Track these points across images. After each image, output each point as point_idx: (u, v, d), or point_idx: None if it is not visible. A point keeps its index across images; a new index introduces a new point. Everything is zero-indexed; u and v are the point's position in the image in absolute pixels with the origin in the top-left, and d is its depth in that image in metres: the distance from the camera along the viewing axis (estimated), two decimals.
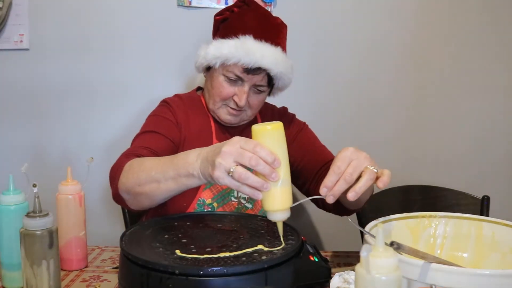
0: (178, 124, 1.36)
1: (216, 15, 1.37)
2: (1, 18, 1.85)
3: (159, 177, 1.04)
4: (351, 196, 0.95)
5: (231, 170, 0.91)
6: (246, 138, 0.94)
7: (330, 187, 0.97)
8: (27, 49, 1.92)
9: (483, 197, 1.70)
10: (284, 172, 0.94)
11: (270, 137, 0.94)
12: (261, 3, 1.87)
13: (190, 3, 1.89)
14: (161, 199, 1.10)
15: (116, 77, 1.93)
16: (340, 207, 1.26)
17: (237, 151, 0.92)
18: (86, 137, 1.96)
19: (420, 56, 1.96)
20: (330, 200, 0.97)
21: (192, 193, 1.30)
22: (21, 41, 1.91)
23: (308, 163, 1.38)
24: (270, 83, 1.34)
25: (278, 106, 1.55)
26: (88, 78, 1.93)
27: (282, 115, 1.50)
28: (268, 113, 1.49)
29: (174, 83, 1.94)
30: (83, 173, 1.21)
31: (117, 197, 1.18)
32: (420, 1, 1.93)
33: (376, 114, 1.98)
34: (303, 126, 1.49)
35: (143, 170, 1.08)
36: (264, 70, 1.29)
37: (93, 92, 1.94)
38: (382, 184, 0.98)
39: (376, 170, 0.98)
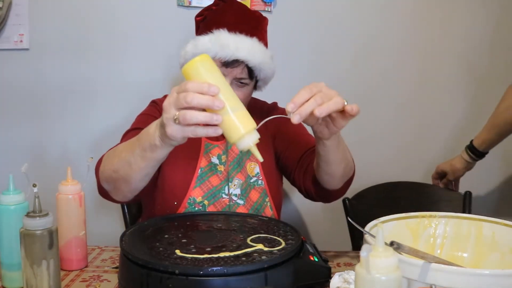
0: None
1: (197, 16, 1.38)
2: (1, 18, 1.85)
3: (129, 158, 1.06)
4: (318, 112, 0.92)
5: (175, 117, 0.90)
6: (181, 83, 0.93)
7: (299, 104, 0.93)
8: (27, 49, 1.91)
9: (465, 192, 1.77)
10: (228, 98, 0.91)
11: (200, 68, 0.92)
12: (261, 3, 1.87)
13: (190, 3, 1.89)
14: (138, 181, 1.10)
15: (116, 77, 1.93)
16: (320, 190, 1.26)
17: (174, 98, 0.91)
18: (86, 137, 1.96)
19: (418, 55, 1.96)
20: (295, 119, 0.93)
21: (182, 191, 1.30)
22: (21, 41, 1.91)
23: (292, 152, 1.38)
24: (252, 75, 1.33)
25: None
26: (88, 78, 1.93)
27: (271, 109, 1.49)
28: (258, 110, 1.48)
29: (174, 82, 1.94)
30: (83, 173, 1.21)
31: (101, 190, 1.21)
32: (419, 1, 1.93)
33: (368, 113, 1.99)
34: (288, 120, 1.48)
35: (116, 155, 1.11)
36: (242, 62, 1.28)
37: (93, 92, 1.94)
38: (350, 108, 0.95)
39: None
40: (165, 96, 1.46)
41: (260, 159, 0.95)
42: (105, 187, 1.18)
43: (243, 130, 0.91)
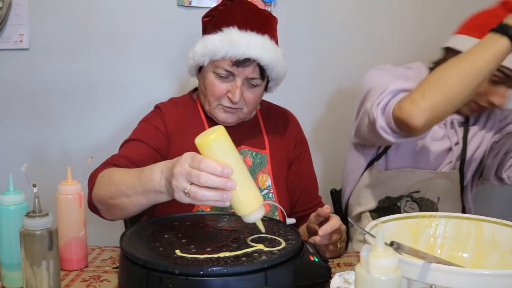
0: (168, 133, 1.34)
1: (204, 16, 1.36)
2: (1, 18, 1.85)
3: (129, 192, 1.06)
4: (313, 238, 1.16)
5: (186, 191, 0.92)
6: (194, 154, 0.93)
7: (317, 242, 1.14)
8: (27, 49, 1.92)
9: None
10: (239, 176, 0.92)
11: (215, 146, 0.91)
12: (261, 3, 1.87)
13: (190, 3, 1.89)
14: (134, 211, 1.11)
15: (116, 77, 1.93)
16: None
17: (186, 171, 0.92)
18: (86, 137, 1.96)
19: (419, 55, 1.96)
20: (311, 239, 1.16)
21: (189, 204, 1.29)
22: (21, 41, 1.91)
23: (300, 197, 1.45)
24: (263, 75, 1.30)
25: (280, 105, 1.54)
26: (88, 78, 1.93)
27: (286, 116, 1.48)
28: (272, 115, 1.46)
29: (175, 83, 1.94)
30: (83, 173, 1.21)
31: (91, 206, 1.20)
32: (422, 2, 1.93)
33: None
34: (306, 150, 1.49)
35: (113, 183, 1.10)
36: (254, 60, 1.25)
37: (93, 92, 1.94)
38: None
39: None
40: (170, 101, 1.44)
41: (263, 230, 1.00)
42: (96, 206, 1.18)
43: (250, 209, 0.95)
